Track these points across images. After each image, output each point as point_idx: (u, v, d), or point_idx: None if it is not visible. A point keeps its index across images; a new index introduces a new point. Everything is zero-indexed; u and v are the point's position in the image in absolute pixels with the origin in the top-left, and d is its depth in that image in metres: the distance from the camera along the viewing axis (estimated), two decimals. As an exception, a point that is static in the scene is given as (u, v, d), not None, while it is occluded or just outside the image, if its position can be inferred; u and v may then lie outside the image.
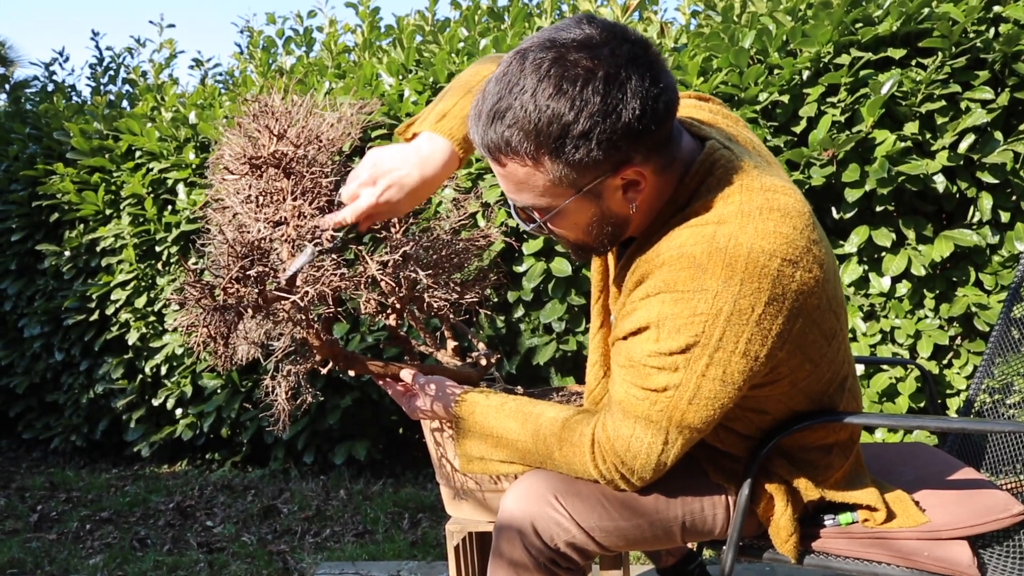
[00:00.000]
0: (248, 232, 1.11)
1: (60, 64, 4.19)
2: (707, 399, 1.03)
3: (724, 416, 1.09)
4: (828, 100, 2.43)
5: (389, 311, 1.42)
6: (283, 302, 1.05)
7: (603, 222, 1.08)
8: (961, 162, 2.32)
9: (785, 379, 1.10)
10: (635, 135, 0.97)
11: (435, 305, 1.40)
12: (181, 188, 3.16)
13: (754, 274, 0.99)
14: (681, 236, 1.02)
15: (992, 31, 2.32)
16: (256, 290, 0.99)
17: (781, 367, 1.07)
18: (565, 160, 0.98)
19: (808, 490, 1.20)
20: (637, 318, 1.04)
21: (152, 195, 3.22)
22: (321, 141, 1.25)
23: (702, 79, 2.55)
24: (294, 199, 1.14)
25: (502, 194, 2.66)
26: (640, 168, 1.01)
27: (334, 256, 1.18)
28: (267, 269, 1.02)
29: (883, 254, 2.45)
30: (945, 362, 2.49)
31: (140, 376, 3.37)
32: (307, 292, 1.06)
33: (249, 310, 0.98)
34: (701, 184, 1.06)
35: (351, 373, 1.29)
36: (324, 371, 1.24)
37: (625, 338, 1.07)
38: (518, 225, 2.67)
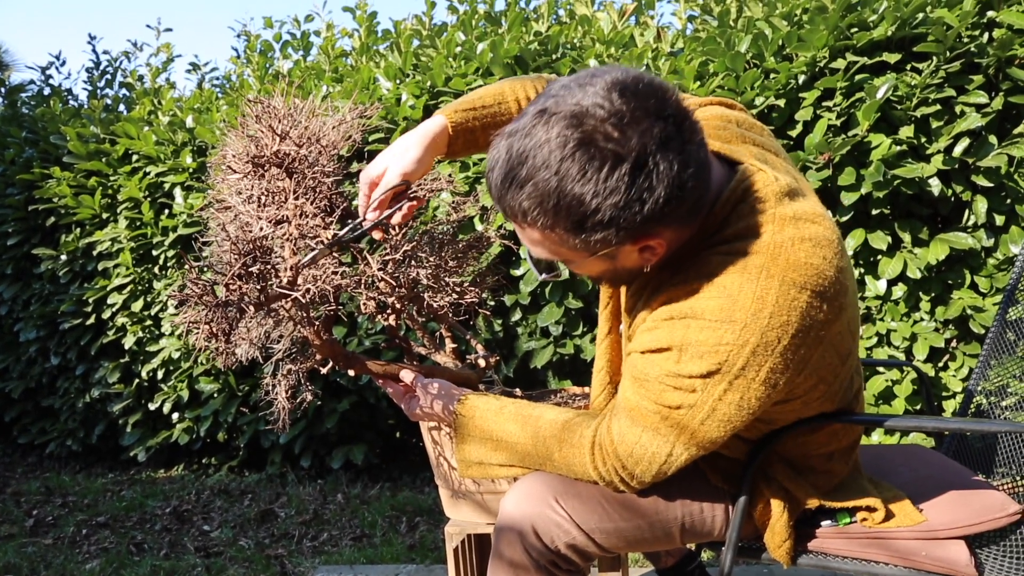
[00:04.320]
0: (250, 230, 1.11)
1: (57, 68, 4.19)
2: (720, 421, 1.03)
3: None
4: (824, 104, 2.45)
5: (389, 311, 1.42)
6: (284, 300, 1.05)
7: (616, 272, 1.09)
8: (956, 166, 2.34)
9: (798, 399, 1.10)
10: (658, 218, 0.95)
11: (435, 306, 1.40)
12: (178, 192, 3.16)
13: (783, 307, 0.98)
14: (711, 263, 1.01)
15: (986, 36, 2.34)
16: (258, 287, 0.99)
17: (796, 389, 1.08)
18: (582, 238, 0.96)
19: (807, 498, 1.21)
20: (658, 337, 1.03)
21: (149, 199, 3.22)
22: (322, 143, 1.25)
23: (698, 83, 2.56)
24: (296, 198, 1.14)
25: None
26: (660, 239, 1.00)
27: (334, 255, 1.18)
28: (269, 267, 1.02)
29: (879, 257, 2.46)
30: (941, 365, 2.50)
31: (136, 380, 3.36)
32: (308, 290, 1.06)
33: (251, 307, 0.99)
34: (732, 211, 1.04)
35: (351, 373, 1.29)
36: (324, 371, 1.24)
37: (643, 353, 1.06)
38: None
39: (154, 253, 3.23)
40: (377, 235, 1.22)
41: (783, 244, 1.00)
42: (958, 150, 2.32)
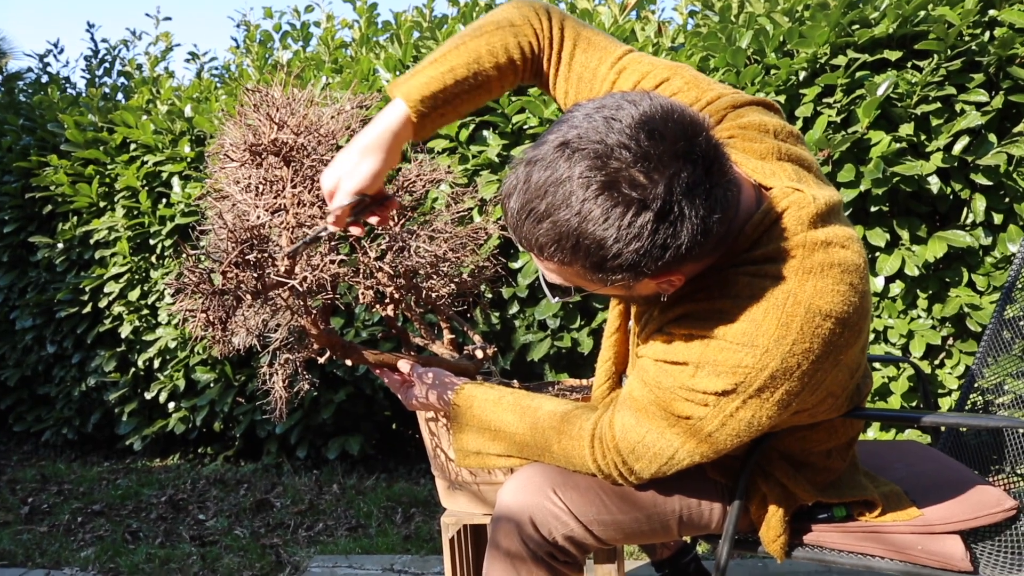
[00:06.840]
0: (248, 219, 1.11)
1: (55, 56, 4.18)
2: (729, 435, 1.03)
3: None
4: (824, 101, 2.44)
5: (387, 301, 1.42)
6: (281, 288, 1.05)
7: (632, 299, 1.10)
8: (955, 164, 2.34)
9: (806, 412, 1.10)
10: (680, 260, 0.93)
11: (433, 296, 1.40)
12: (176, 181, 3.15)
13: (807, 335, 0.97)
14: (738, 283, 1.00)
15: (987, 34, 2.34)
16: (255, 275, 0.99)
17: (805, 403, 1.07)
18: (599, 276, 0.95)
19: (804, 494, 1.21)
20: (676, 350, 1.03)
21: (146, 188, 3.21)
22: (320, 132, 1.25)
23: (699, 78, 2.55)
24: (293, 187, 1.14)
25: (499, 190, 2.66)
26: (680, 274, 0.99)
27: (333, 241, 1.18)
28: (266, 255, 1.02)
29: (877, 254, 2.46)
30: (937, 362, 2.51)
31: (133, 369, 3.36)
32: (305, 278, 1.06)
33: (248, 295, 0.98)
34: (764, 233, 1.01)
35: (348, 363, 1.29)
36: (322, 360, 1.24)
37: (656, 361, 1.05)
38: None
39: (151, 242, 3.22)
40: (356, 230, 1.16)
41: (812, 270, 0.98)
42: (958, 148, 2.32)
